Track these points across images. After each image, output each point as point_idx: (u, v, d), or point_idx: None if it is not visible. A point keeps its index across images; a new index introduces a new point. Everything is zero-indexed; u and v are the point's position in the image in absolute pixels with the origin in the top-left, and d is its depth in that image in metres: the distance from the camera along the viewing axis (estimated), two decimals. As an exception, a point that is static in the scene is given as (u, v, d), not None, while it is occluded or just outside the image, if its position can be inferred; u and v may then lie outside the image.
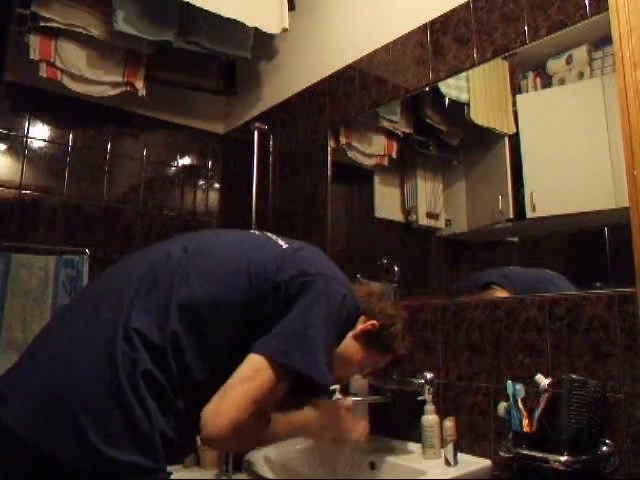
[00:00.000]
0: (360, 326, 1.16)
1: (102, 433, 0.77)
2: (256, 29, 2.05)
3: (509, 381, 1.20)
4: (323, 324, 0.92)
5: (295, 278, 0.93)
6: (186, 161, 2.46)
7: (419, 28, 1.68)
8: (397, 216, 1.80)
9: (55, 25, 1.84)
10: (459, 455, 1.26)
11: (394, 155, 1.85)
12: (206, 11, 1.88)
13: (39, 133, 2.05)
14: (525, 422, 1.15)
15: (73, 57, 1.93)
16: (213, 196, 2.52)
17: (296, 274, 0.94)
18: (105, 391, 0.80)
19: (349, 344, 1.15)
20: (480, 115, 1.57)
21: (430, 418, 1.34)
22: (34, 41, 1.84)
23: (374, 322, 1.17)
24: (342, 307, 0.96)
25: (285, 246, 1.01)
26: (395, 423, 1.50)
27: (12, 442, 0.80)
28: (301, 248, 1.02)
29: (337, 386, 1.51)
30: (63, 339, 0.88)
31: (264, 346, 0.89)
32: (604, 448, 1.07)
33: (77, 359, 0.83)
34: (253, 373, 0.88)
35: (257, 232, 1.11)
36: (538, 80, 1.40)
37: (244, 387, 0.86)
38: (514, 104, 1.44)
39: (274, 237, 1.06)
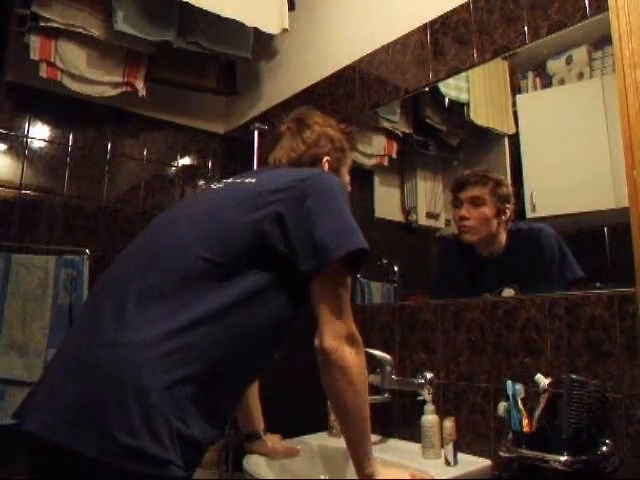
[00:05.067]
0: (325, 168, 1.17)
1: (124, 426, 0.78)
2: (256, 29, 2.05)
3: (509, 381, 1.19)
4: (339, 207, 0.97)
5: (289, 193, 0.95)
6: (186, 161, 2.46)
7: (419, 28, 1.68)
8: (397, 216, 1.80)
9: (55, 25, 1.84)
10: (459, 455, 1.26)
11: (394, 155, 1.85)
12: (206, 11, 1.88)
13: (39, 133, 2.05)
14: (525, 422, 1.14)
15: (73, 57, 1.93)
16: (213, 196, 2.51)
17: (287, 188, 0.96)
18: (130, 393, 0.80)
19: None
20: (480, 115, 1.57)
21: (430, 418, 1.34)
22: (34, 41, 1.84)
23: (327, 159, 1.18)
24: (343, 189, 1.02)
25: (253, 180, 1.03)
26: (395, 423, 1.50)
27: (42, 445, 0.83)
28: (265, 173, 1.07)
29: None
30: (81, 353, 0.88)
31: (321, 256, 0.92)
32: (604, 448, 1.07)
33: (100, 371, 0.83)
34: (332, 289, 0.95)
35: (214, 186, 1.10)
36: (538, 80, 1.40)
37: (337, 308, 0.94)
38: (514, 104, 1.44)
39: (238, 180, 1.07)
